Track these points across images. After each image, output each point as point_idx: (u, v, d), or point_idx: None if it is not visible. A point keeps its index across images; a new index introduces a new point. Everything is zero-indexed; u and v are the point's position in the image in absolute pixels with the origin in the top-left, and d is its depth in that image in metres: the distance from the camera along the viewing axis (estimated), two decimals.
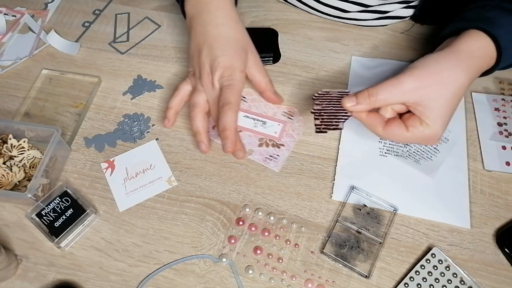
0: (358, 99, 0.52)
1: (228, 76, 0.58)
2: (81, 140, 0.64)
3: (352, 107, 0.53)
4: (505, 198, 0.58)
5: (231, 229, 0.57)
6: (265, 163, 0.61)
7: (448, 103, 0.51)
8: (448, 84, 0.51)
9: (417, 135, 0.52)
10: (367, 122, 0.54)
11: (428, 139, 0.52)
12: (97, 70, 0.71)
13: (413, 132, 0.51)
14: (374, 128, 0.54)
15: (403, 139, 0.53)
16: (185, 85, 0.62)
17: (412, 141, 0.53)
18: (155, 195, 0.59)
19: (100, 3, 0.79)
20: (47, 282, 0.54)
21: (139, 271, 0.54)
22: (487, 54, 0.53)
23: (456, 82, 0.51)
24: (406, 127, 0.52)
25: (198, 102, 0.60)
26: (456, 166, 0.60)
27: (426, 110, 0.51)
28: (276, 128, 0.64)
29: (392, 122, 0.53)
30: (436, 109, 0.51)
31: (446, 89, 0.51)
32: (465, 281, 0.52)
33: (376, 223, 0.56)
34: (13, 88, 0.69)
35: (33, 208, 0.54)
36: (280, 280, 0.53)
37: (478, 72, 0.54)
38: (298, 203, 0.58)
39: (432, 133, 0.51)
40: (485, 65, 0.54)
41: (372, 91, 0.51)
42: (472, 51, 0.52)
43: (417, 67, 0.51)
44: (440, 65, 0.51)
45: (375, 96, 0.51)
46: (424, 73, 0.51)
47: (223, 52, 0.59)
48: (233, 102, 0.57)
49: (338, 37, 0.73)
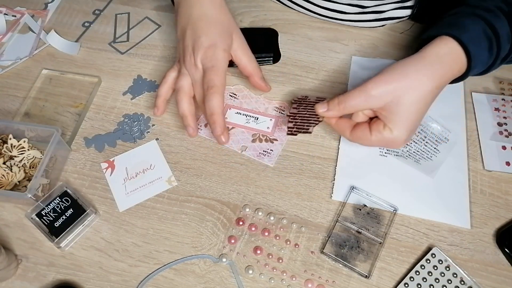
0: (329, 105, 0.55)
1: (211, 56, 0.58)
2: (81, 140, 0.64)
3: (324, 113, 0.56)
4: (505, 198, 0.58)
5: (231, 229, 0.57)
6: (259, 158, 0.61)
7: (411, 108, 0.51)
8: (412, 89, 0.51)
9: (380, 139, 0.53)
10: (336, 127, 0.57)
11: (391, 143, 0.53)
12: (97, 70, 0.71)
13: (376, 135, 0.53)
14: (342, 133, 0.57)
15: (367, 143, 0.55)
16: (172, 72, 0.62)
17: (376, 144, 0.54)
18: (155, 195, 0.59)
19: (100, 3, 0.79)
20: (47, 282, 0.54)
21: (139, 271, 0.54)
22: (456, 59, 0.53)
23: (420, 88, 0.51)
24: (370, 131, 0.53)
25: (183, 86, 0.59)
26: (456, 166, 0.60)
27: (389, 115, 0.52)
28: (269, 123, 0.64)
29: (358, 127, 0.55)
30: (398, 114, 0.51)
31: (409, 94, 0.51)
32: (465, 281, 0.52)
33: (376, 223, 0.56)
34: (13, 88, 0.69)
35: (33, 208, 0.54)
36: (280, 280, 0.53)
37: (446, 78, 0.53)
38: (298, 203, 0.58)
39: (394, 137, 0.52)
40: (455, 71, 0.54)
41: (341, 98, 0.54)
42: (439, 57, 0.53)
43: (383, 73, 0.52)
44: (405, 70, 0.52)
45: (344, 103, 0.53)
46: (388, 79, 0.52)
47: (205, 32, 0.59)
48: (218, 85, 0.56)
49: (338, 37, 0.73)
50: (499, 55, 0.55)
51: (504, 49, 0.55)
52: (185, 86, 0.59)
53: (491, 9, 0.55)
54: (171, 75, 0.62)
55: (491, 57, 0.55)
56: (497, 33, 0.54)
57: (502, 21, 0.54)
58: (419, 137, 0.61)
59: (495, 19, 0.54)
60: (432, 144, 0.61)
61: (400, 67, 0.52)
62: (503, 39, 0.54)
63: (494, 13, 0.55)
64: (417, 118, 0.53)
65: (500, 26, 0.54)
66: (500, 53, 0.55)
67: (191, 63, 0.59)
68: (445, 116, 0.62)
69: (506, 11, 0.55)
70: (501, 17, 0.54)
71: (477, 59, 0.53)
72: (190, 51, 0.59)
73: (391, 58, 0.70)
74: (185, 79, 0.60)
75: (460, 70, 0.54)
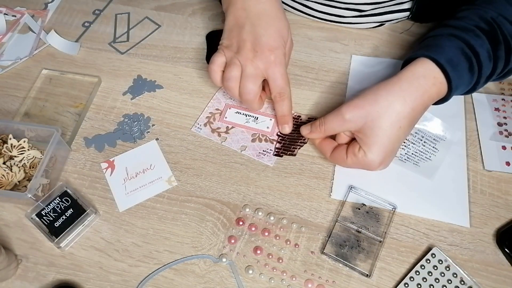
0: (312, 127, 0.58)
1: (274, 60, 0.57)
2: (81, 140, 0.64)
3: (307, 134, 0.59)
4: (505, 198, 0.58)
5: (231, 229, 0.57)
6: (258, 158, 0.61)
7: (385, 132, 0.52)
8: (385, 114, 0.52)
9: (355, 161, 0.54)
10: (319, 148, 0.60)
11: (366, 166, 0.54)
12: (97, 70, 0.71)
13: (351, 158, 0.55)
14: (324, 153, 0.59)
15: (343, 164, 0.56)
16: (220, 57, 0.60)
17: (352, 166, 0.56)
18: (155, 195, 0.59)
19: (100, 3, 0.79)
20: (47, 282, 0.54)
21: (139, 271, 0.54)
22: (433, 81, 0.53)
23: (393, 112, 0.52)
24: (346, 153, 0.55)
25: (236, 76, 0.58)
26: (455, 164, 0.60)
27: (364, 138, 0.53)
28: (268, 123, 0.64)
29: (337, 148, 0.57)
30: (372, 137, 0.52)
31: (382, 118, 0.52)
32: (465, 281, 0.52)
33: (375, 221, 0.56)
34: (13, 88, 0.69)
35: (33, 208, 0.54)
36: (280, 280, 0.53)
37: (422, 100, 0.53)
38: (298, 203, 0.58)
39: (369, 160, 0.53)
40: (433, 93, 0.53)
41: (321, 120, 0.56)
42: (415, 79, 0.53)
43: (357, 97, 0.54)
44: (378, 94, 0.53)
45: (324, 126, 0.56)
46: (361, 103, 0.53)
47: (267, 32, 0.58)
48: (288, 91, 0.60)
49: (338, 37, 0.73)
50: (481, 74, 0.54)
51: (486, 68, 0.54)
52: (237, 76, 0.59)
53: (470, 29, 0.54)
54: (220, 60, 0.60)
55: (473, 76, 0.54)
56: (476, 52, 0.53)
57: (482, 39, 0.53)
58: (417, 137, 0.61)
59: (473, 38, 0.53)
60: (431, 143, 0.61)
61: (373, 92, 0.53)
62: (484, 57, 0.53)
63: (473, 32, 0.54)
64: (393, 141, 0.53)
65: (479, 44, 0.53)
66: (482, 72, 0.54)
67: (247, 58, 0.58)
68: (443, 114, 0.62)
69: (486, 29, 0.54)
70: (480, 36, 0.54)
71: (457, 80, 0.53)
72: (248, 47, 0.58)
73: (391, 58, 0.70)
74: (237, 69, 0.58)
75: (440, 91, 0.54)
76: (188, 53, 0.72)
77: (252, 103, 0.60)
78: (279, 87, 0.59)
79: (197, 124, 0.65)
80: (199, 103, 0.67)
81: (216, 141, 0.63)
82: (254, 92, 0.59)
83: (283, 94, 0.60)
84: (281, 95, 0.60)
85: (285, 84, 0.59)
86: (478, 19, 0.55)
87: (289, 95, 0.60)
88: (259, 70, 0.58)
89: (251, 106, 0.62)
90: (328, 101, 0.66)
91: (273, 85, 0.59)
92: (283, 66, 0.59)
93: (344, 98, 0.67)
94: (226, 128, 0.64)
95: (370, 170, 0.55)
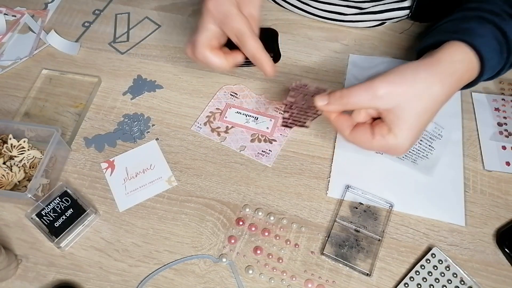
0: (330, 99, 0.51)
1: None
2: (81, 140, 0.64)
3: (324, 106, 0.51)
4: (505, 198, 0.58)
5: (231, 229, 0.57)
6: (257, 158, 0.62)
7: (419, 116, 0.49)
8: (422, 96, 0.48)
9: (382, 144, 0.50)
10: (335, 123, 0.53)
11: (393, 150, 0.50)
12: (97, 70, 0.71)
13: (378, 140, 0.50)
14: (341, 131, 0.53)
15: (367, 146, 0.51)
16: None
17: (377, 149, 0.51)
18: (155, 195, 0.59)
19: (100, 3, 0.79)
20: (47, 282, 0.54)
21: (139, 271, 0.54)
22: (469, 66, 0.51)
23: (430, 96, 0.48)
24: (372, 134, 0.50)
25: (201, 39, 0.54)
26: (451, 163, 0.60)
27: (396, 119, 0.48)
28: (268, 123, 0.64)
29: (360, 127, 0.51)
30: (405, 120, 0.48)
31: (419, 101, 0.48)
32: (465, 281, 0.52)
33: (373, 220, 0.56)
34: (13, 88, 0.69)
35: (33, 208, 0.54)
36: (280, 280, 0.53)
37: (457, 85, 0.51)
38: (298, 203, 0.58)
39: (397, 144, 0.49)
40: (466, 78, 0.51)
41: (344, 92, 0.50)
42: (453, 63, 0.50)
43: (393, 73, 0.49)
44: (416, 75, 0.49)
45: (347, 98, 0.49)
46: (398, 80, 0.48)
47: None
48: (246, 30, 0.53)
49: (338, 37, 0.73)
50: (509, 59, 0.53)
51: None
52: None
53: (497, 12, 0.53)
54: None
55: (501, 61, 0.53)
56: (507, 36, 0.51)
57: (510, 24, 0.52)
58: None
59: (503, 22, 0.52)
60: (427, 142, 0.61)
61: (410, 71, 0.49)
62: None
63: (501, 16, 0.52)
64: (423, 126, 0.50)
65: (510, 29, 0.51)
66: (510, 57, 0.53)
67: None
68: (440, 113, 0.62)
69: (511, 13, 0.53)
70: (507, 20, 0.52)
71: (489, 65, 0.51)
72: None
73: (391, 57, 0.70)
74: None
75: (471, 76, 0.52)
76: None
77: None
78: (234, 29, 0.53)
79: (197, 123, 0.65)
80: (199, 103, 0.67)
81: (216, 140, 0.63)
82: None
83: (240, 36, 0.53)
84: (238, 38, 0.53)
85: (241, 26, 0.53)
86: (502, 2, 0.53)
87: (248, 34, 0.53)
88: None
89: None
90: None
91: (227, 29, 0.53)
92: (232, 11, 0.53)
93: None
94: (226, 128, 0.64)
95: (393, 155, 0.51)
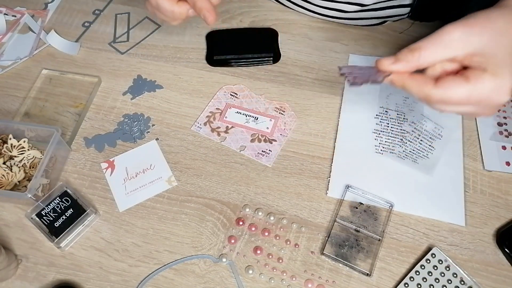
0: (398, 56, 0.44)
1: None
2: (81, 140, 0.64)
3: (391, 65, 0.44)
4: (505, 198, 0.58)
5: (231, 229, 0.57)
6: (257, 158, 0.61)
7: (508, 52, 0.41)
8: (503, 31, 0.41)
9: (481, 88, 0.41)
10: (413, 83, 0.44)
11: (496, 93, 0.41)
12: (97, 70, 0.71)
13: (475, 84, 0.41)
14: (423, 88, 0.43)
15: (462, 97, 0.42)
16: None
17: (475, 98, 0.42)
18: (155, 195, 0.59)
19: (100, 3, 0.79)
20: (47, 282, 0.54)
21: (139, 271, 0.54)
22: None
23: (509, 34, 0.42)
24: (466, 78, 0.41)
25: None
26: (451, 163, 0.60)
27: (485, 59, 0.41)
28: (268, 123, 0.64)
29: (445, 77, 0.43)
30: (498, 56, 0.41)
31: (503, 36, 0.41)
32: (465, 281, 0.52)
33: (373, 220, 0.56)
34: (13, 88, 0.69)
35: (33, 208, 0.54)
36: (280, 280, 0.53)
37: None
38: (298, 203, 0.58)
39: (501, 82, 0.41)
40: None
41: (414, 46, 0.43)
42: None
43: (463, 18, 0.42)
44: (490, 14, 0.42)
45: (419, 51, 0.42)
46: (472, 21, 0.42)
47: None
48: None
49: (338, 37, 0.73)
50: None
51: None
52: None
53: None
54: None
55: None
56: None
57: None
58: (414, 135, 0.62)
59: None
60: (427, 142, 0.61)
61: (483, 13, 0.42)
62: None
63: None
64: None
65: None
66: None
67: None
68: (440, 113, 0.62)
69: None
70: None
71: None
72: None
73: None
74: None
75: None
76: (188, 53, 0.72)
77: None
78: None
79: (197, 123, 0.65)
80: (199, 103, 0.67)
81: (216, 140, 0.63)
82: None
83: None
84: None
85: None
86: None
87: None
88: None
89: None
90: (328, 101, 0.66)
91: None
92: None
93: None
94: (226, 128, 0.64)
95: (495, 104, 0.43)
